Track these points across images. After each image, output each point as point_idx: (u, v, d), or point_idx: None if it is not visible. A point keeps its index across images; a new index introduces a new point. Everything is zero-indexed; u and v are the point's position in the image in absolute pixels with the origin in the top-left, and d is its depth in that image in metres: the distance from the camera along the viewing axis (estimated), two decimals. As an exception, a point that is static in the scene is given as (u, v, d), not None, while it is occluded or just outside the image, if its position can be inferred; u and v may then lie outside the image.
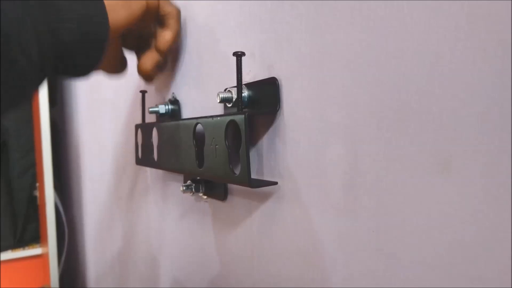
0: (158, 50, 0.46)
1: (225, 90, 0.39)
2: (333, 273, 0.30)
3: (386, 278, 0.26)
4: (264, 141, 0.37)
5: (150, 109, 0.53)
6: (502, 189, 0.20)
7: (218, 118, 0.35)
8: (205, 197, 0.47)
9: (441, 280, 0.23)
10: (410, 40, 0.24)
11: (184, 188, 0.47)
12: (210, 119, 0.37)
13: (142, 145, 0.55)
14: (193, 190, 0.47)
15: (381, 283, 0.26)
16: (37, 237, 1.53)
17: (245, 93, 0.37)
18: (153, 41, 0.47)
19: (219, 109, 0.43)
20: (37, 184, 1.39)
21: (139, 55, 0.48)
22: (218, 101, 0.37)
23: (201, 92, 0.47)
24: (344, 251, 0.29)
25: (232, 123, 0.33)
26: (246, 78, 0.38)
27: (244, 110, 0.37)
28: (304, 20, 0.31)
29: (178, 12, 0.46)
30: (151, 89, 0.59)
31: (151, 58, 0.46)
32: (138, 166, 0.66)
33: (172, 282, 0.59)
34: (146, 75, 0.47)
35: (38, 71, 0.33)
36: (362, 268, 0.28)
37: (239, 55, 0.34)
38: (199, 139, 0.40)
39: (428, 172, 0.23)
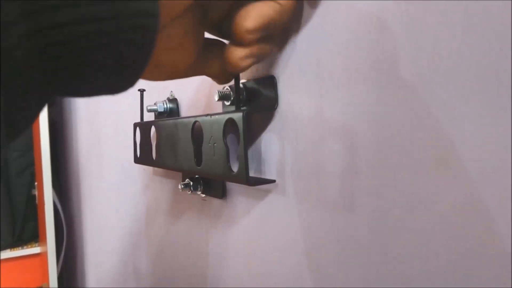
0: None
1: (223, 88, 0.39)
2: (331, 270, 0.30)
3: (384, 277, 0.26)
4: (262, 139, 0.37)
5: (149, 108, 0.53)
6: (501, 187, 0.20)
7: (216, 116, 0.35)
8: (203, 195, 0.47)
9: (440, 279, 0.23)
10: (407, 38, 0.24)
11: (183, 186, 0.47)
12: (208, 117, 0.37)
13: (140, 143, 0.55)
14: (192, 188, 0.47)
15: (379, 281, 0.27)
16: (35, 236, 1.54)
17: (243, 91, 0.37)
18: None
19: (217, 107, 0.43)
20: (36, 183, 1.38)
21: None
22: (216, 99, 0.37)
23: (199, 90, 0.47)
24: (342, 249, 0.29)
25: (230, 121, 0.33)
26: (244, 76, 0.38)
27: (242, 108, 0.37)
28: (303, 18, 0.31)
29: None
30: (149, 87, 0.59)
31: (259, 10, 0.26)
32: (137, 165, 0.66)
33: (170, 280, 0.59)
34: (244, 38, 0.26)
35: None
36: (360, 266, 0.28)
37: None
38: (197, 137, 0.40)
39: (426, 169, 0.23)
